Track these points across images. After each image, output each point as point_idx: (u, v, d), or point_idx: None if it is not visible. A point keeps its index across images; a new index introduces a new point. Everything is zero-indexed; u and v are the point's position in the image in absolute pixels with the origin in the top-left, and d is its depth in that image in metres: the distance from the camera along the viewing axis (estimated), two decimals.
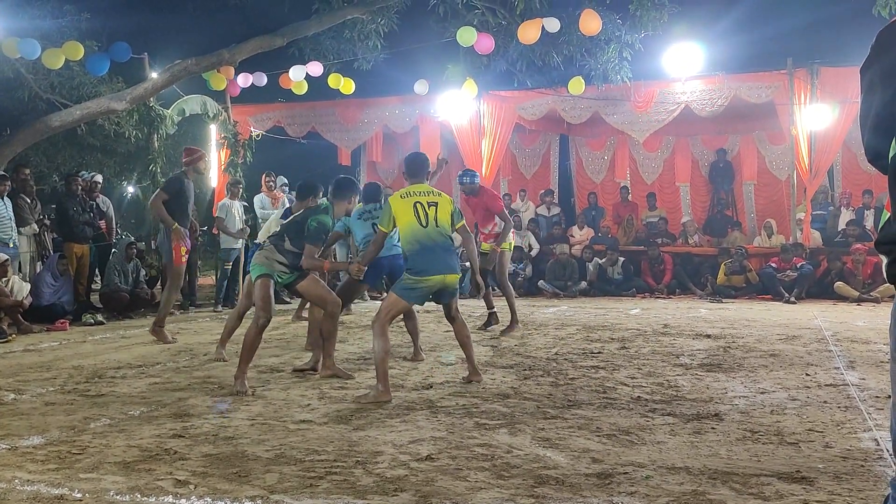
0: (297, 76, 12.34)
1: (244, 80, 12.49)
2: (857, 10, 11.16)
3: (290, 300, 10.69)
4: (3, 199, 8.77)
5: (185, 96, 12.17)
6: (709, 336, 7.52)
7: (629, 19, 11.38)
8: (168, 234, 7.63)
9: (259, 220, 10.87)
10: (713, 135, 14.56)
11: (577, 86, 11.94)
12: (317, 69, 12.36)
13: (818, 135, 11.49)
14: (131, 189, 19.87)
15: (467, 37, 11.08)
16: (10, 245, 8.74)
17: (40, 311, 8.78)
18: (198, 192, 9.87)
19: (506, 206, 10.43)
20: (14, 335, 7.94)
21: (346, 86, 12.73)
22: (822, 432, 3.95)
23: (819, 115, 11.35)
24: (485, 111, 13.07)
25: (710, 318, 9.16)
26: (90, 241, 10.10)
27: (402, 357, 6.36)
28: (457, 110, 12.85)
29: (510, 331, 7.90)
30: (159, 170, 11.49)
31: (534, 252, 13.08)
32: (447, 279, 5.04)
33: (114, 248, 10.27)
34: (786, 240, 12.13)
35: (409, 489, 3.11)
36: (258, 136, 13.54)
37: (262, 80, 12.63)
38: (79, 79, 11.51)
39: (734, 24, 14.01)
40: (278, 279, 5.33)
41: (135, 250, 10.11)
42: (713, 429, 4.03)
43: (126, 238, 10.72)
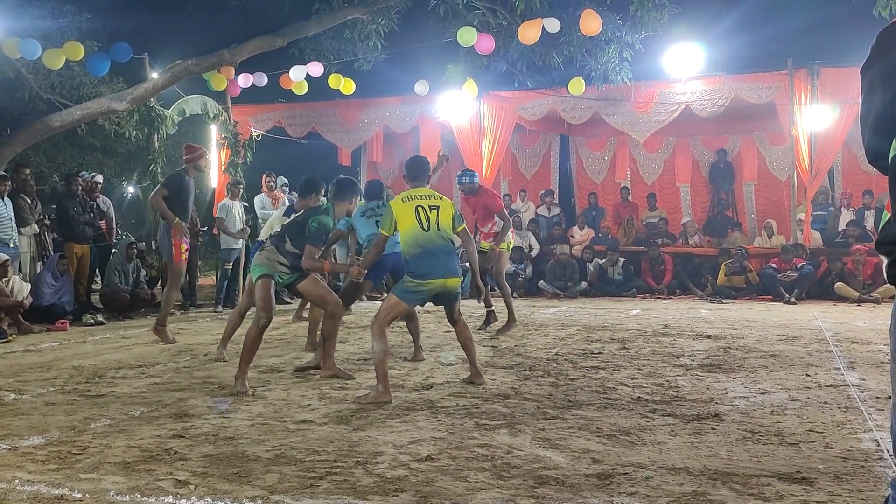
0: (298, 76, 12.35)
1: (244, 80, 12.49)
2: (857, 10, 11.15)
3: (290, 300, 10.69)
4: (3, 199, 8.77)
5: (186, 96, 12.18)
6: (709, 336, 7.52)
7: (629, 20, 11.39)
8: (168, 231, 7.50)
9: (259, 221, 10.87)
10: (713, 135, 14.56)
11: (577, 86, 11.94)
12: (317, 69, 12.37)
13: (818, 135, 11.49)
14: (132, 189, 19.85)
15: (468, 37, 11.08)
16: (11, 245, 8.74)
17: (41, 312, 8.78)
18: (198, 192, 9.85)
19: (506, 207, 10.46)
20: (14, 335, 7.95)
21: (347, 86, 12.73)
22: (822, 433, 3.96)
23: (819, 116, 11.35)
24: (485, 111, 13.07)
25: (711, 318, 9.16)
26: (90, 241, 10.10)
27: (403, 357, 6.36)
28: (457, 111, 12.85)
29: (507, 329, 7.94)
30: (160, 170, 11.48)
31: (534, 252, 13.08)
32: (448, 283, 5.05)
33: (114, 249, 10.28)
34: (786, 240, 12.13)
35: (410, 489, 3.11)
36: (258, 136, 13.54)
37: (263, 80, 12.64)
38: (79, 79, 11.51)
39: (734, 24, 14.00)
40: (279, 280, 5.33)
41: (135, 250, 10.11)
42: (713, 429, 4.03)
43: (126, 238, 10.71)
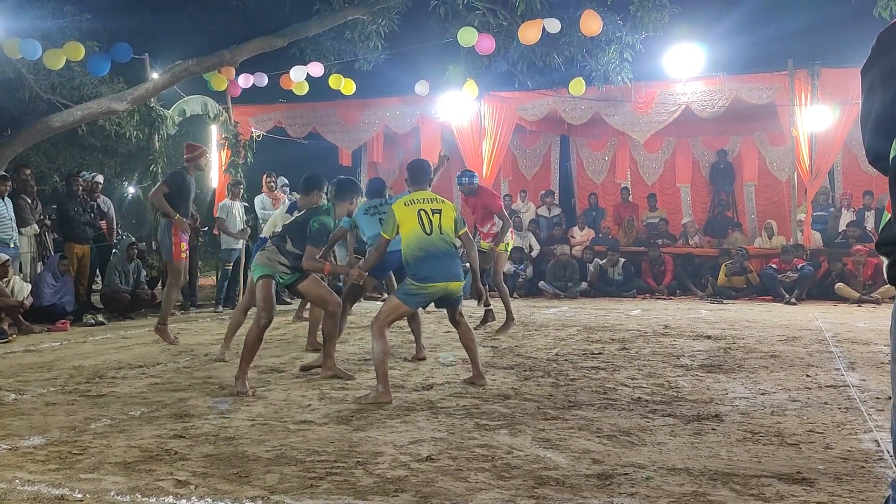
0: (298, 77, 12.35)
1: (245, 80, 12.50)
2: (857, 11, 11.15)
3: (290, 300, 10.70)
4: (3, 199, 8.78)
5: (186, 97, 12.18)
6: (709, 337, 7.52)
7: (630, 20, 11.39)
8: (168, 229, 7.40)
9: (260, 221, 10.87)
10: (714, 136, 14.56)
11: (577, 87, 11.94)
12: (317, 70, 12.37)
13: (819, 136, 11.49)
14: (132, 189, 19.86)
15: (468, 37, 11.09)
16: (11, 245, 8.74)
17: (41, 312, 8.78)
18: (198, 192, 9.83)
19: (506, 207, 10.47)
20: (15, 335, 7.95)
21: (347, 86, 12.74)
22: (822, 433, 3.95)
23: (820, 117, 11.35)
24: (485, 112, 13.07)
25: (711, 319, 9.16)
26: (91, 241, 10.10)
27: (403, 357, 6.36)
28: (457, 111, 12.86)
29: (506, 328, 7.97)
30: (160, 170, 11.47)
31: (534, 253, 13.08)
32: (450, 286, 5.05)
33: (114, 249, 10.28)
34: (786, 241, 12.13)
35: (410, 490, 3.11)
36: (259, 136, 13.55)
37: (263, 80, 12.64)
38: (80, 79, 11.53)
39: (735, 25, 14.01)
40: (280, 280, 5.34)
41: (136, 251, 10.12)
42: (713, 430, 4.03)
43: (127, 238, 10.74)
